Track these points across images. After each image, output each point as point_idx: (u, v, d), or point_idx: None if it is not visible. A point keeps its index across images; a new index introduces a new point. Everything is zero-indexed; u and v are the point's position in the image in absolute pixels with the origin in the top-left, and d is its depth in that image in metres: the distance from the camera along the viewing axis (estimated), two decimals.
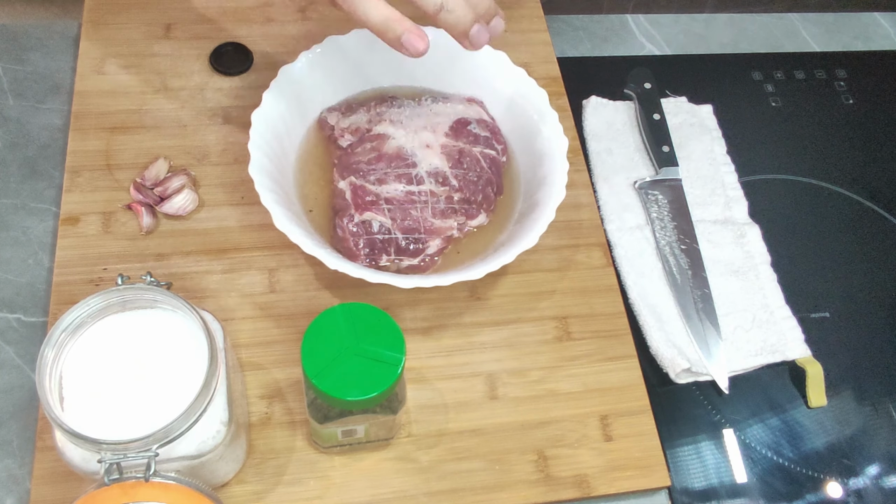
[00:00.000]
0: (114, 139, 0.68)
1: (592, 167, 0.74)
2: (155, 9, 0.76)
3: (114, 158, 0.67)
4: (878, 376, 0.68)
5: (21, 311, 0.61)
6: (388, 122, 0.67)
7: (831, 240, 0.75)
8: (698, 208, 0.73)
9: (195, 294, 0.62)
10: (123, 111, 0.70)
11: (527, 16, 0.82)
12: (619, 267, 0.68)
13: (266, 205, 0.58)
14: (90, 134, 0.68)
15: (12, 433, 0.57)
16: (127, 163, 0.67)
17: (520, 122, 0.69)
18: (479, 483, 0.57)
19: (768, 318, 0.67)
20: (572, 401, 0.61)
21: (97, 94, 0.70)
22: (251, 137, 0.61)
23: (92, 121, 0.69)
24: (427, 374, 0.61)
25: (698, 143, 0.77)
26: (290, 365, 0.60)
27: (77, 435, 0.43)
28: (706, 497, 0.60)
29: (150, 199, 0.64)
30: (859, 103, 0.85)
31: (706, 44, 0.88)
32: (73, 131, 0.68)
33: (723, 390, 0.64)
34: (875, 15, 0.94)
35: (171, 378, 0.47)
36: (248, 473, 0.55)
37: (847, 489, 0.62)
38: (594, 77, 0.81)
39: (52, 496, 0.53)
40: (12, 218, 0.65)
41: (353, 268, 0.57)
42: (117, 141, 0.68)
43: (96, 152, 0.67)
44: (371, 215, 0.62)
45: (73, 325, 0.47)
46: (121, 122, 0.69)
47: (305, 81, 0.67)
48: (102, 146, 0.68)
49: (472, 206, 0.64)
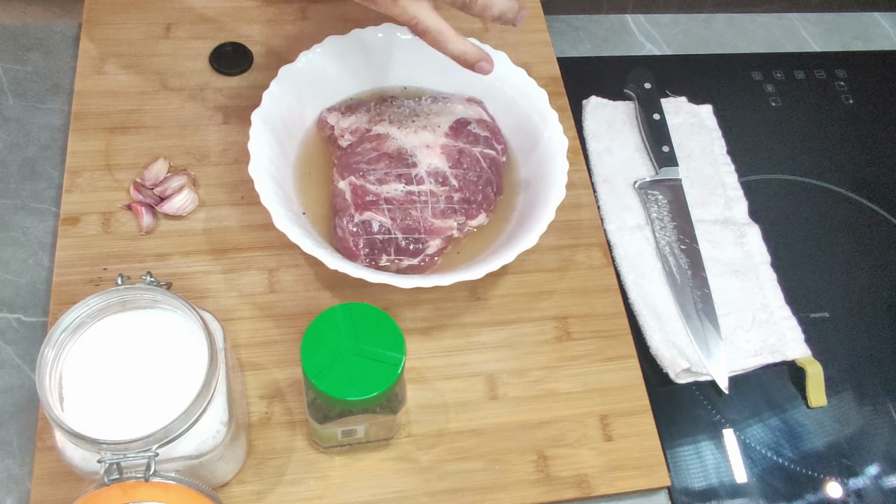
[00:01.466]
0: (114, 139, 0.68)
1: (592, 167, 0.74)
2: (155, 9, 0.76)
3: (114, 158, 0.67)
4: (878, 376, 0.68)
5: (21, 311, 0.61)
6: (388, 122, 0.67)
7: (831, 240, 0.75)
8: (698, 208, 0.73)
9: (195, 294, 0.62)
10: (123, 111, 0.70)
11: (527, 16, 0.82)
12: (619, 267, 0.68)
13: (266, 205, 0.58)
14: (90, 134, 0.68)
15: (12, 433, 0.57)
16: (127, 163, 0.67)
17: (520, 123, 0.69)
18: (479, 483, 0.57)
19: (768, 318, 0.67)
20: (572, 401, 0.61)
21: (97, 94, 0.70)
22: (251, 137, 0.61)
23: (92, 121, 0.69)
24: (427, 374, 0.61)
25: (698, 143, 0.77)
26: (290, 365, 0.60)
27: (77, 435, 0.43)
28: (706, 497, 0.60)
29: (149, 199, 0.64)
30: (859, 103, 0.85)
31: (706, 44, 0.88)
32: (73, 131, 0.68)
33: (723, 390, 0.64)
34: (875, 15, 0.94)
35: (171, 378, 0.47)
36: (248, 473, 0.55)
37: (847, 489, 0.62)
38: (594, 77, 0.81)
39: (52, 496, 0.53)
40: (12, 218, 0.65)
41: (353, 268, 0.57)
42: (117, 141, 0.68)
43: (96, 152, 0.67)
44: (371, 215, 0.62)
45: (73, 325, 0.47)
46: (121, 123, 0.69)
47: (305, 81, 0.67)
48: (102, 146, 0.68)
49: (472, 206, 0.64)
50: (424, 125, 0.67)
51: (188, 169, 0.67)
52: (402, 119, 0.67)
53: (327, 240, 0.63)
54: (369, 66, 0.70)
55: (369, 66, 0.70)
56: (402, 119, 0.67)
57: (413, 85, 0.71)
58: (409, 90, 0.71)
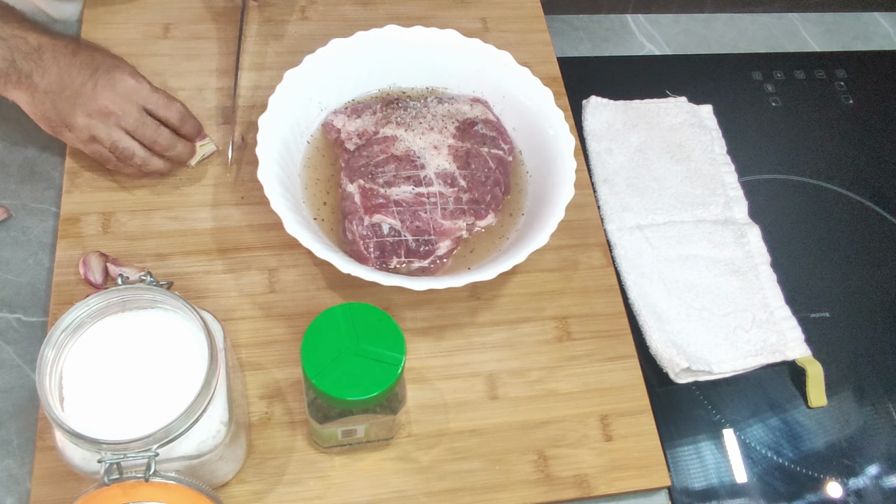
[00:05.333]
0: None
1: (592, 167, 0.74)
2: (154, 8, 0.76)
3: None
4: (878, 376, 0.68)
5: (21, 311, 0.61)
6: (395, 124, 0.67)
7: (831, 240, 0.75)
8: (698, 208, 0.73)
9: (195, 294, 0.62)
10: None
11: (527, 16, 0.82)
12: (619, 267, 0.68)
13: (276, 210, 0.57)
14: None
15: (12, 433, 0.57)
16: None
17: (525, 122, 0.69)
18: (479, 483, 0.57)
19: (768, 318, 0.67)
20: (572, 401, 0.61)
21: None
22: (258, 142, 0.61)
23: None
24: (427, 374, 0.61)
25: (698, 143, 0.77)
26: (290, 365, 0.60)
27: (77, 435, 0.43)
28: (706, 497, 0.60)
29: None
30: (859, 103, 0.85)
31: (706, 44, 0.88)
32: None
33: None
34: (875, 15, 0.94)
35: (171, 378, 0.47)
36: (248, 473, 0.55)
37: (847, 489, 0.62)
38: (594, 77, 0.81)
39: (52, 496, 0.53)
40: (12, 218, 0.65)
41: (366, 271, 0.57)
42: None
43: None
44: (381, 218, 0.62)
45: (73, 325, 0.47)
46: None
47: (309, 84, 0.67)
48: None
49: (480, 207, 0.64)
50: (431, 126, 0.67)
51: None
52: (408, 121, 0.67)
53: (336, 243, 0.63)
54: (373, 69, 0.70)
55: (373, 69, 0.70)
56: (408, 121, 0.67)
57: (417, 86, 0.71)
58: (414, 91, 0.71)
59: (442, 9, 0.80)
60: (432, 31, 0.69)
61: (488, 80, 0.70)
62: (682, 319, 0.66)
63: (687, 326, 0.66)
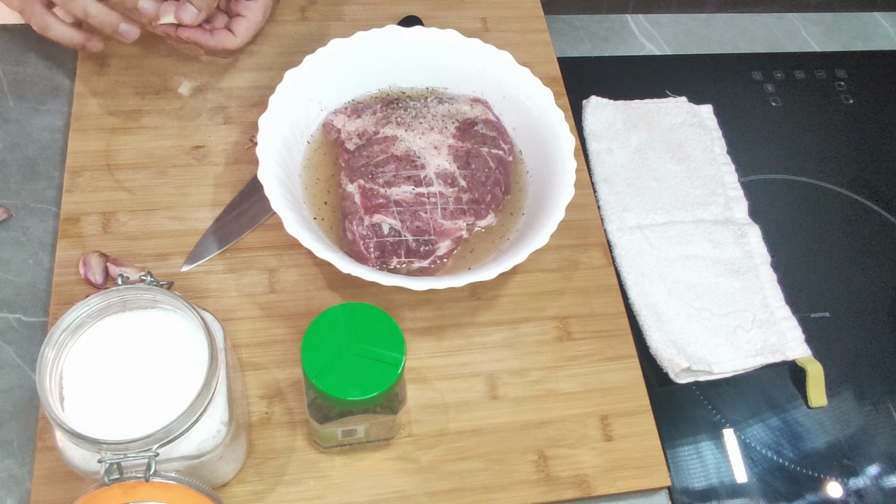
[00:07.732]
0: (114, 139, 0.68)
1: (592, 167, 0.74)
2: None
3: (114, 158, 0.67)
4: (878, 376, 0.68)
5: (21, 311, 0.61)
6: (396, 124, 0.67)
7: (831, 240, 0.75)
8: (698, 208, 0.73)
9: (195, 294, 0.62)
10: (123, 111, 0.70)
11: (527, 16, 0.82)
12: (619, 267, 0.68)
13: (277, 210, 0.57)
14: (90, 134, 0.68)
15: (12, 433, 0.57)
16: (127, 163, 0.67)
17: (525, 122, 0.69)
18: (479, 483, 0.57)
19: (768, 318, 0.67)
20: (572, 401, 0.61)
21: (97, 95, 0.70)
22: (259, 143, 0.61)
23: (92, 121, 0.69)
24: (427, 374, 0.61)
25: (698, 143, 0.77)
26: (290, 365, 0.60)
27: (77, 435, 0.43)
28: (706, 497, 0.60)
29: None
30: (859, 103, 0.85)
31: (706, 44, 0.88)
32: (73, 132, 0.68)
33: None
34: (875, 15, 0.95)
35: (171, 378, 0.47)
36: (248, 473, 0.55)
37: (847, 489, 0.62)
38: (594, 77, 0.81)
39: (52, 496, 0.53)
40: (12, 218, 0.65)
41: (366, 271, 0.57)
42: (117, 141, 0.68)
43: (96, 152, 0.67)
44: (381, 218, 0.62)
45: (73, 325, 0.47)
46: (121, 123, 0.69)
47: (310, 85, 0.67)
48: (102, 146, 0.68)
49: (481, 207, 0.64)
50: (431, 126, 0.67)
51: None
52: (409, 121, 0.67)
53: (336, 243, 0.63)
54: (373, 69, 0.70)
55: (373, 69, 0.70)
56: (409, 121, 0.67)
57: (417, 86, 0.71)
58: (414, 91, 0.71)
59: (442, 9, 0.80)
60: (432, 31, 0.69)
61: (488, 80, 0.70)
62: (683, 319, 0.66)
63: (687, 326, 0.66)
